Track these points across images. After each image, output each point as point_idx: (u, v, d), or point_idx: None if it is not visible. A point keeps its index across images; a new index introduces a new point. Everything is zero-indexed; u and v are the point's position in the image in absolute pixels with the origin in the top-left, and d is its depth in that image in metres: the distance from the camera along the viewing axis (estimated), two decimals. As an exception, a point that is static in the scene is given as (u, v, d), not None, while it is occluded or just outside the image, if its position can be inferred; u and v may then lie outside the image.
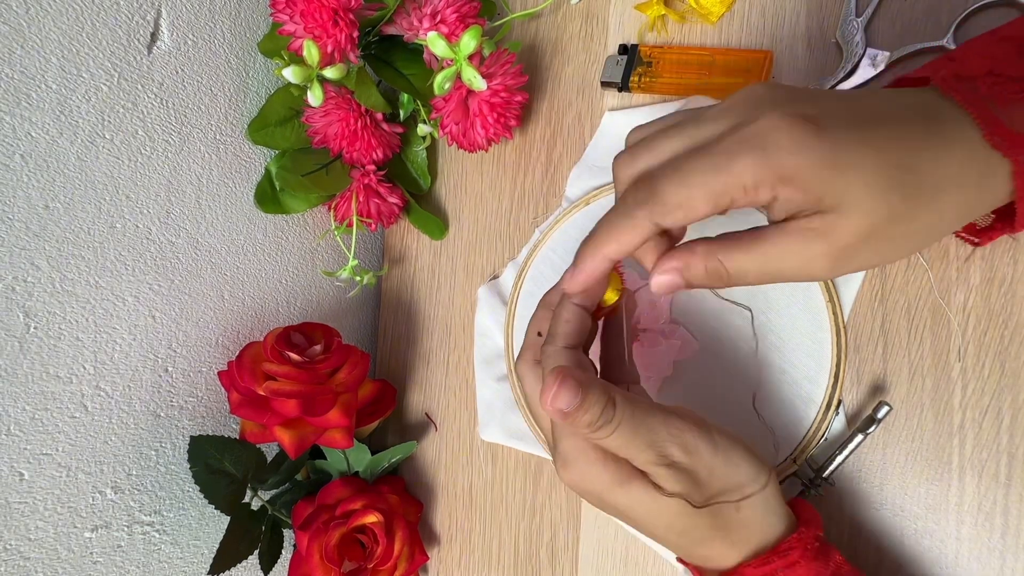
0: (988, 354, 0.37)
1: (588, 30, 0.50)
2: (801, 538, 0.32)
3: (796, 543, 0.31)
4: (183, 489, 0.46)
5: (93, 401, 0.40)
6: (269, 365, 0.43)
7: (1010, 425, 0.36)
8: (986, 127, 0.27)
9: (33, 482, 0.38)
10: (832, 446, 0.39)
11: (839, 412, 0.40)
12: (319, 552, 0.44)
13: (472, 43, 0.41)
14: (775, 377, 0.41)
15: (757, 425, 0.41)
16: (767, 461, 0.33)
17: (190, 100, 0.44)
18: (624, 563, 0.45)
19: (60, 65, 0.36)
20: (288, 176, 0.48)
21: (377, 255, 0.61)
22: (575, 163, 0.50)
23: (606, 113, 0.48)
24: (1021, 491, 0.36)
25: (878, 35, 0.41)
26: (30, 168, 0.36)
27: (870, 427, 0.37)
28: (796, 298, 0.41)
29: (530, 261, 0.49)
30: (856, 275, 0.40)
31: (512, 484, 0.50)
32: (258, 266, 0.50)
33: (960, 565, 0.37)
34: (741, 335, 0.42)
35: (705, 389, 0.43)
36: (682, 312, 0.44)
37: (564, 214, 0.48)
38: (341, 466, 0.51)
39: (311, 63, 0.42)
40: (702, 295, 0.43)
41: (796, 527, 0.33)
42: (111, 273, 0.40)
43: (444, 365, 0.54)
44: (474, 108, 0.46)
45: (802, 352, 0.41)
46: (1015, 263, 0.37)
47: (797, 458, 0.40)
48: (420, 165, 0.55)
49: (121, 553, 0.42)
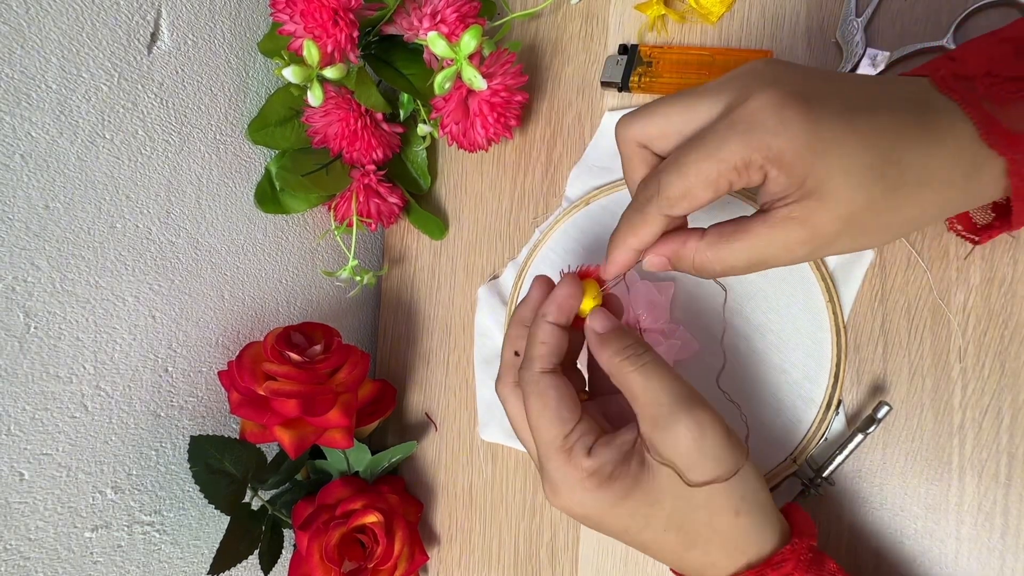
0: (988, 354, 0.37)
1: (588, 30, 0.50)
2: (795, 549, 0.31)
3: (789, 554, 0.31)
4: (183, 489, 0.46)
5: (93, 401, 0.40)
6: (269, 365, 0.43)
7: (1010, 425, 0.36)
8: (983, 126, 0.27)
9: (33, 482, 0.38)
10: (832, 446, 0.39)
11: (839, 412, 0.40)
12: (319, 552, 0.44)
13: (472, 43, 0.41)
14: (775, 376, 0.41)
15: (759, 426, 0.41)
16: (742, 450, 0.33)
17: (190, 100, 0.44)
18: (624, 563, 0.45)
19: (60, 65, 0.36)
20: (288, 176, 0.48)
21: (377, 255, 0.61)
22: (575, 163, 0.50)
23: (606, 113, 0.48)
24: (1021, 491, 0.36)
25: (878, 35, 0.41)
26: (30, 168, 0.36)
27: (870, 427, 0.37)
28: (796, 298, 0.41)
29: (530, 261, 0.49)
30: (856, 275, 0.40)
31: (512, 484, 0.50)
32: (258, 266, 0.50)
33: (960, 565, 0.37)
34: (740, 335, 0.42)
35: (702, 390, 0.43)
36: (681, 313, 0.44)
37: (564, 214, 0.48)
38: (341, 466, 0.51)
39: (311, 63, 0.42)
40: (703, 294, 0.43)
41: (790, 537, 0.32)
42: (111, 273, 0.40)
43: (444, 365, 0.54)
44: (474, 108, 0.46)
45: (802, 351, 0.41)
46: (1015, 263, 0.37)
47: (797, 458, 0.40)
48: (420, 165, 0.55)
49: (121, 553, 0.42)
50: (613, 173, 0.48)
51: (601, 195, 0.47)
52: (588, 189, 0.48)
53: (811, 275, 0.41)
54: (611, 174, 0.48)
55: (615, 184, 0.47)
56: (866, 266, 0.40)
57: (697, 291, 0.44)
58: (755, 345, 0.42)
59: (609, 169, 0.48)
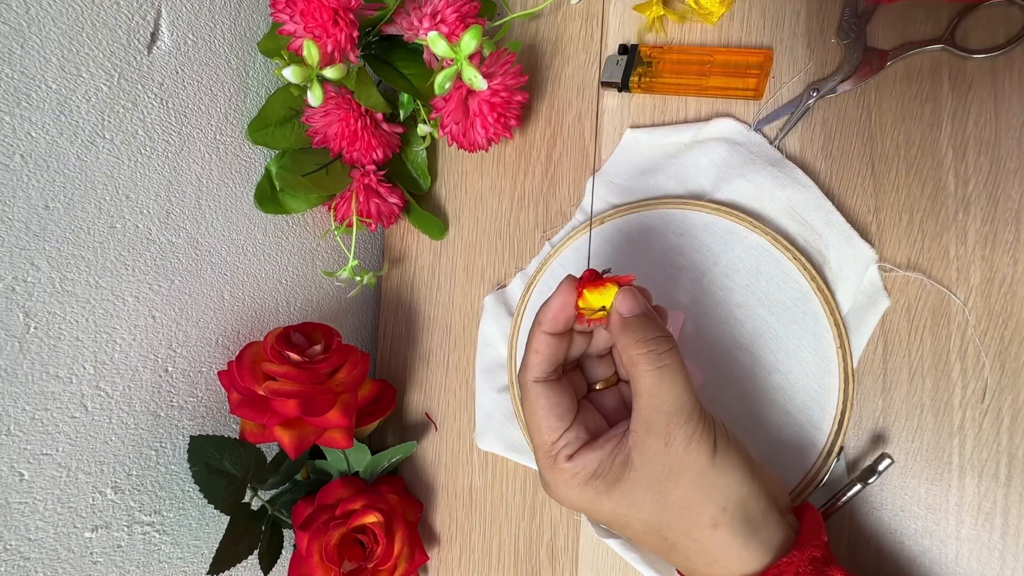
0: (988, 354, 0.37)
1: (588, 30, 0.50)
2: (791, 562, 0.31)
3: (787, 567, 0.30)
4: (183, 489, 0.46)
5: (93, 401, 0.40)
6: (269, 365, 0.43)
7: (1010, 425, 0.36)
8: None
9: (33, 482, 0.38)
10: (829, 491, 0.39)
11: (840, 459, 0.39)
12: (319, 552, 0.44)
13: (472, 43, 0.41)
14: (777, 417, 0.41)
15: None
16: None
17: (190, 100, 0.44)
18: (624, 563, 0.45)
19: (60, 65, 0.36)
20: (288, 176, 0.48)
21: (377, 255, 0.61)
22: (575, 163, 0.50)
23: (627, 130, 0.48)
24: (1021, 491, 0.36)
25: (878, 35, 0.41)
26: (30, 168, 0.36)
27: (870, 478, 0.37)
28: (806, 340, 0.41)
29: (539, 276, 0.48)
30: (870, 322, 0.40)
31: (512, 484, 0.50)
32: (258, 266, 0.50)
33: (960, 565, 0.37)
34: (746, 372, 0.42)
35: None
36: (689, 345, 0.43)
37: (578, 230, 0.47)
38: (341, 466, 0.51)
39: (311, 63, 0.42)
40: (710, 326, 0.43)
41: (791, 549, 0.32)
42: (111, 273, 0.40)
43: (444, 365, 0.54)
44: (474, 108, 0.46)
45: (807, 395, 0.40)
46: (1015, 263, 0.37)
47: (794, 501, 0.39)
48: (420, 165, 0.55)
49: (121, 553, 0.42)
50: (633, 193, 0.47)
51: (617, 215, 0.46)
52: (607, 206, 0.47)
53: (824, 319, 0.40)
54: (631, 194, 0.47)
55: (632, 205, 0.46)
56: (880, 313, 0.39)
57: (705, 323, 0.43)
58: (760, 384, 0.41)
59: (629, 189, 0.47)
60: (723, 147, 0.44)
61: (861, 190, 0.41)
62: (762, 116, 0.44)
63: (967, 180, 0.39)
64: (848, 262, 0.40)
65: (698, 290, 0.44)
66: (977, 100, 0.39)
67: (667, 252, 0.45)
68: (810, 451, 0.40)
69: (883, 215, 0.40)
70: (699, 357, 0.43)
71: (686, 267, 0.44)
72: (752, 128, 0.44)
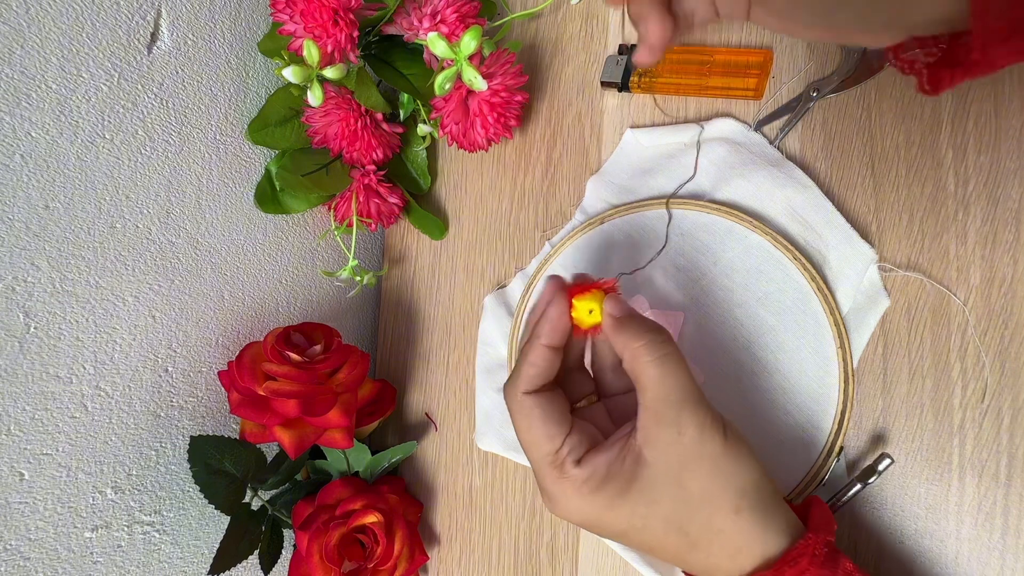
0: (988, 354, 0.37)
1: (588, 30, 0.50)
2: (808, 544, 0.30)
3: (804, 550, 0.30)
4: (183, 489, 0.46)
5: (93, 401, 0.40)
6: (269, 365, 0.43)
7: (1010, 425, 0.36)
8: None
9: (33, 482, 0.38)
10: (829, 490, 0.39)
11: (839, 459, 0.39)
12: (319, 552, 0.44)
13: (472, 43, 0.41)
14: (777, 417, 0.41)
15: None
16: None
17: (190, 100, 0.44)
18: (624, 563, 0.45)
19: (60, 65, 0.36)
20: (288, 176, 0.48)
21: (377, 255, 0.61)
22: (575, 163, 0.50)
23: (628, 130, 0.48)
24: (1021, 491, 0.36)
25: (878, 35, 0.41)
26: (30, 168, 0.36)
27: (870, 478, 0.37)
28: (806, 340, 0.41)
29: (539, 276, 0.48)
30: (870, 322, 0.40)
31: (512, 484, 0.50)
32: (258, 266, 0.50)
33: (960, 565, 0.37)
34: (746, 372, 0.42)
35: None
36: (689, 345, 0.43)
37: (578, 230, 0.47)
38: (341, 466, 0.51)
39: (311, 63, 0.42)
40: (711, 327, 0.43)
41: (804, 533, 0.32)
42: (111, 273, 0.40)
43: (444, 365, 0.54)
44: (474, 108, 0.46)
45: (807, 396, 0.40)
46: (1015, 263, 0.37)
47: (793, 500, 0.39)
48: (420, 165, 0.55)
49: (121, 553, 0.42)
50: (633, 193, 0.47)
51: (617, 215, 0.46)
52: (606, 206, 0.47)
53: (824, 319, 0.40)
54: (630, 194, 0.47)
55: (632, 205, 0.46)
56: (880, 313, 0.39)
57: (705, 323, 0.43)
58: (760, 383, 0.41)
59: (628, 188, 0.47)
60: (723, 147, 0.44)
61: (861, 190, 0.41)
62: (762, 116, 0.44)
63: (967, 180, 0.39)
64: (848, 262, 0.40)
65: (698, 290, 0.44)
66: (977, 100, 0.39)
67: (667, 252, 0.45)
68: (810, 451, 0.40)
69: (883, 215, 0.40)
70: (699, 357, 0.43)
71: (686, 267, 0.44)
72: (752, 128, 0.44)
